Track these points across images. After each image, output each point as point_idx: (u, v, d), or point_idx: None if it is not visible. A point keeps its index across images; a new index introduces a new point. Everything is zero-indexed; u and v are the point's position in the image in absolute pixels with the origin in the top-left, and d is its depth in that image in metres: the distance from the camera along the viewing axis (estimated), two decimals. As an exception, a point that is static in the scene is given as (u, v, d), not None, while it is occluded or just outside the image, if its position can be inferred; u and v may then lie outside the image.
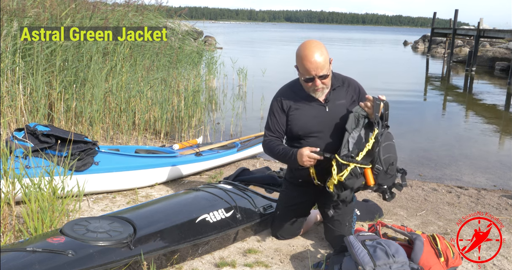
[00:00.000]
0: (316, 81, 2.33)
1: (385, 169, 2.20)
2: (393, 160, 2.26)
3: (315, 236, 2.72)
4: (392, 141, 2.30)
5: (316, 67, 2.29)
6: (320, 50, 2.30)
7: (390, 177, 2.27)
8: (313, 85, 2.36)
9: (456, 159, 5.31)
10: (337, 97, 2.44)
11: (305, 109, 2.43)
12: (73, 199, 2.72)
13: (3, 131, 3.88)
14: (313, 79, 2.33)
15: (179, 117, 5.78)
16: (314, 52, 2.28)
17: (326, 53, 2.33)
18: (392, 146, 2.29)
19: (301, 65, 2.33)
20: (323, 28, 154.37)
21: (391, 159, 2.25)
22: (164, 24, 7.56)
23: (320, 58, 2.29)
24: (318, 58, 2.28)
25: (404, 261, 2.01)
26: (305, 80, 2.35)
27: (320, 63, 2.29)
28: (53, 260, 1.79)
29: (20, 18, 4.48)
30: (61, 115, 4.44)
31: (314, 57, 2.28)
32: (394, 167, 2.28)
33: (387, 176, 2.24)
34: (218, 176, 3.81)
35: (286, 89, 2.53)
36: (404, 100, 9.68)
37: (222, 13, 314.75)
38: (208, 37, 18.29)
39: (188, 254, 2.28)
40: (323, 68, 2.31)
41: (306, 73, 2.33)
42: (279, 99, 2.50)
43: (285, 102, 2.47)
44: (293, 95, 2.47)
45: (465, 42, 24.14)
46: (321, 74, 2.31)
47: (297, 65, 2.37)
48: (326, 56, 2.32)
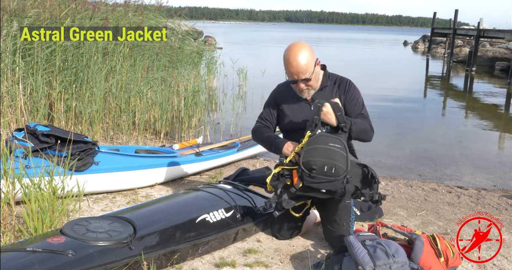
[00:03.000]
0: (300, 84, 2.43)
1: (307, 172, 2.23)
2: (318, 165, 2.22)
3: (315, 236, 2.72)
4: (328, 145, 2.24)
5: (297, 71, 2.38)
6: (303, 53, 2.36)
7: (326, 181, 2.23)
8: (297, 87, 2.46)
9: (456, 159, 5.31)
10: (323, 96, 2.49)
11: (293, 107, 2.56)
12: (73, 199, 2.72)
13: (3, 131, 3.88)
14: (296, 82, 2.43)
15: (179, 117, 5.78)
16: (297, 56, 2.35)
17: (310, 56, 2.38)
18: (322, 150, 2.24)
19: (286, 68, 2.44)
20: (323, 28, 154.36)
21: (315, 163, 2.22)
22: (164, 24, 7.56)
23: (303, 62, 2.35)
24: (301, 62, 2.35)
25: (404, 261, 2.01)
26: (290, 82, 2.47)
27: (302, 67, 2.36)
28: (53, 260, 1.79)
29: (20, 18, 4.48)
30: (61, 115, 4.44)
31: (296, 61, 2.36)
32: (322, 172, 2.22)
33: (316, 180, 2.24)
34: (218, 176, 3.81)
35: (283, 85, 2.65)
36: (404, 100, 9.69)
37: (222, 13, 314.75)
38: (208, 37, 18.31)
39: (188, 254, 2.28)
40: (305, 72, 2.38)
41: (290, 76, 2.45)
42: (274, 93, 2.66)
43: (279, 98, 2.62)
44: (287, 92, 2.59)
45: (465, 42, 24.14)
46: (303, 77, 2.40)
47: (284, 67, 2.45)
48: (309, 60, 2.37)
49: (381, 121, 6.66)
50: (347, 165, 2.24)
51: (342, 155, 2.25)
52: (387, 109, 8.13)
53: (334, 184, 2.26)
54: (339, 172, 2.23)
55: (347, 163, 2.24)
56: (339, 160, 2.23)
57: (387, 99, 9.23)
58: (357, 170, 2.34)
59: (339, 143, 2.26)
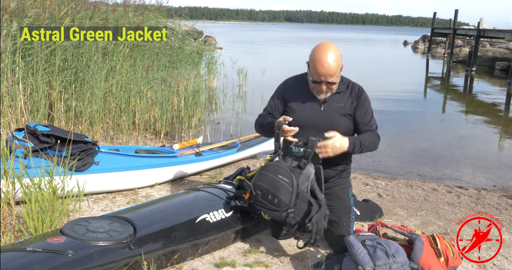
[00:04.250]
0: (323, 85, 2.35)
1: (254, 194, 2.30)
2: (263, 192, 2.26)
3: (315, 236, 2.72)
4: (277, 176, 2.25)
5: (326, 74, 2.30)
6: (335, 57, 2.29)
7: (269, 208, 2.27)
8: (319, 88, 2.38)
9: (456, 159, 5.31)
10: (336, 100, 2.45)
11: (302, 103, 2.47)
12: (73, 199, 2.72)
13: (3, 131, 3.88)
14: (320, 82, 2.35)
15: (179, 117, 5.78)
16: (330, 58, 2.27)
17: (340, 61, 2.33)
18: (269, 179, 2.27)
19: (313, 66, 2.33)
20: (323, 28, 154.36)
21: (260, 189, 2.28)
22: (164, 24, 7.55)
23: (333, 65, 2.28)
24: (332, 65, 2.28)
25: (404, 261, 2.01)
26: (313, 81, 2.37)
27: (332, 71, 2.29)
28: (53, 260, 1.79)
29: (20, 18, 4.48)
30: (61, 115, 4.44)
31: (328, 63, 2.27)
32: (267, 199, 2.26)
33: (261, 204, 2.30)
34: (218, 176, 3.81)
35: (294, 79, 2.57)
36: (404, 100, 9.69)
37: (222, 13, 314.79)
38: (208, 37, 18.29)
39: (188, 254, 2.28)
40: (333, 75, 2.32)
41: (315, 76, 2.34)
42: (283, 88, 2.56)
43: (287, 92, 2.52)
44: (297, 87, 2.51)
45: (465, 42, 24.13)
46: (329, 80, 2.33)
47: (309, 63, 2.37)
48: (339, 64, 2.32)
49: (381, 121, 6.62)
50: (290, 200, 2.23)
51: (287, 189, 2.23)
52: (387, 109, 8.13)
53: (275, 214, 2.29)
54: (281, 205, 2.24)
55: (291, 199, 2.23)
56: (283, 194, 2.23)
57: (387, 99, 9.23)
58: (306, 206, 2.28)
59: (288, 178, 2.25)
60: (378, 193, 3.71)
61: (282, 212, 2.25)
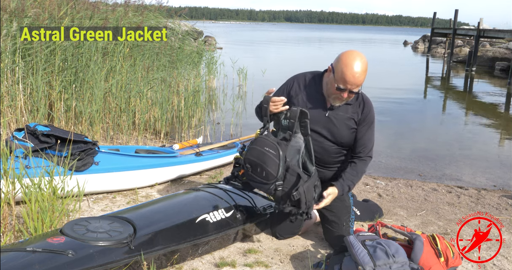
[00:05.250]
0: (345, 94, 2.30)
1: (245, 167, 2.33)
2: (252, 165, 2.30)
3: (315, 236, 2.72)
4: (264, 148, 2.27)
5: (353, 83, 2.26)
6: (365, 68, 2.27)
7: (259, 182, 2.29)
8: (340, 95, 2.32)
9: (456, 159, 5.31)
10: (343, 109, 2.42)
11: (309, 103, 2.42)
12: (73, 199, 2.72)
13: (3, 131, 3.88)
14: (344, 90, 2.29)
15: (179, 117, 5.78)
16: (360, 68, 2.24)
17: (367, 72, 2.31)
18: (257, 152, 2.29)
19: (341, 73, 2.26)
20: (323, 28, 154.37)
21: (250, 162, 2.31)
22: (164, 24, 7.55)
23: (362, 77, 2.27)
24: (361, 76, 2.26)
25: (404, 261, 2.01)
26: (337, 88, 2.30)
27: (359, 81, 2.27)
28: (53, 260, 1.79)
29: (20, 18, 4.48)
30: (61, 115, 4.44)
31: (358, 73, 2.24)
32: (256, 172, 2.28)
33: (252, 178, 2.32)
34: (218, 176, 3.81)
35: (306, 77, 2.50)
36: (404, 100, 9.69)
37: (222, 13, 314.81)
38: (208, 37, 18.29)
39: (188, 254, 2.28)
40: (359, 86, 2.31)
41: (341, 83, 2.27)
42: (293, 81, 2.50)
43: (295, 88, 2.47)
44: (307, 86, 2.46)
45: (465, 42, 24.14)
46: (354, 90, 2.30)
47: (334, 68, 2.30)
48: (366, 75, 2.30)
49: (381, 121, 6.68)
50: (277, 172, 2.23)
51: (274, 161, 2.24)
52: (387, 109, 8.14)
53: (264, 187, 2.30)
54: (269, 178, 2.24)
55: (278, 171, 2.23)
56: (270, 166, 2.24)
57: (387, 99, 9.23)
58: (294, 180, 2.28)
59: (275, 150, 2.25)
60: (378, 193, 3.71)
61: (271, 185, 2.25)
